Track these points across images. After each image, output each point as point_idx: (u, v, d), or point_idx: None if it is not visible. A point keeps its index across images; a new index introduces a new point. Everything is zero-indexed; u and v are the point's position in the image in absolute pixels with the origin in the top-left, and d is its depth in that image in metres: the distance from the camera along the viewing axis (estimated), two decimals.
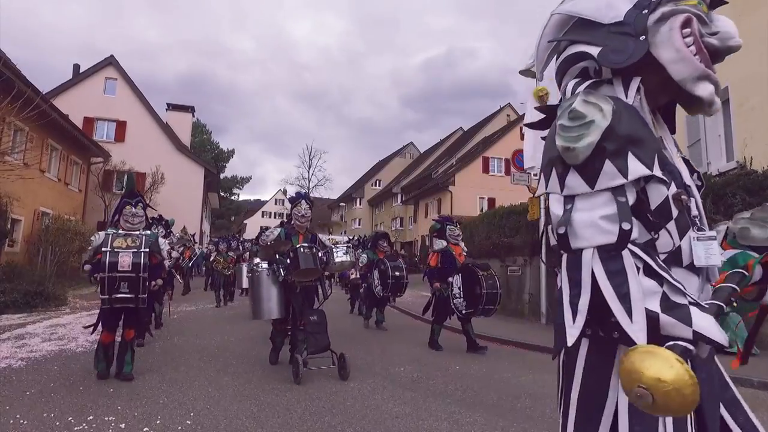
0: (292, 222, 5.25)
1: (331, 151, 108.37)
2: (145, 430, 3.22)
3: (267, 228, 6.44)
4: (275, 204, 66.27)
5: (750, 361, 4.95)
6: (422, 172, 41.88)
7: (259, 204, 70.68)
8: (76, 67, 24.86)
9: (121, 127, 23.51)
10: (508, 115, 39.33)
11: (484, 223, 12.43)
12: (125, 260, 4.25)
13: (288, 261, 4.81)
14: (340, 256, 4.88)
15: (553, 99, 7.57)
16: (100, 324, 4.57)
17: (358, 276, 10.34)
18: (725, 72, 8.11)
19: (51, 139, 16.07)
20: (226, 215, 57.55)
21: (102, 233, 4.52)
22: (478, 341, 6.43)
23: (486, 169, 33.14)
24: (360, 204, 51.63)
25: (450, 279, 6.30)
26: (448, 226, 6.61)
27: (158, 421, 3.37)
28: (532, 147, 9.21)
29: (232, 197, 58.08)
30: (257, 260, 9.10)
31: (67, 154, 17.87)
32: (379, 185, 51.52)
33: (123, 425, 3.28)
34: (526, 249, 9.98)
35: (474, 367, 5.43)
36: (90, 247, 4.50)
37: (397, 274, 8.00)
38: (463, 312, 6.02)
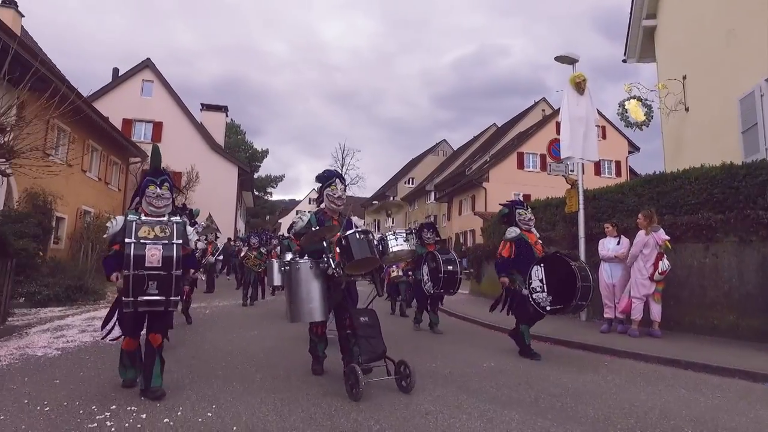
0: (324, 206, 4.51)
1: (363, 151, 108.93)
2: (165, 420, 3.12)
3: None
4: (309, 203, 67.01)
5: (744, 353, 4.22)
6: (456, 169, 41.33)
7: (293, 203, 71.65)
8: (116, 70, 25.72)
9: (157, 127, 24.14)
10: (543, 110, 38.31)
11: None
12: (154, 254, 3.44)
13: (326, 252, 4.00)
14: (399, 243, 4.07)
15: (591, 85, 6.95)
16: (116, 329, 3.88)
17: (400, 272, 9.15)
18: None
19: (92, 140, 16.60)
20: (261, 214, 58.46)
21: (120, 218, 3.70)
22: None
23: (521, 165, 32.38)
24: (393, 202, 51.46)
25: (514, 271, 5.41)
26: (517, 210, 5.67)
27: (179, 413, 3.28)
28: (569, 136, 8.80)
29: (266, 196, 58.93)
30: (290, 255, 8.85)
31: (107, 154, 18.44)
32: (412, 183, 51.21)
33: (144, 415, 3.20)
34: (564, 243, 9.53)
35: (510, 364, 5.14)
36: (105, 235, 3.70)
37: (450, 268, 7.03)
38: (548, 309, 5.06)
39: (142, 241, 3.48)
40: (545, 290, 5.07)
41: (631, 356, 5.53)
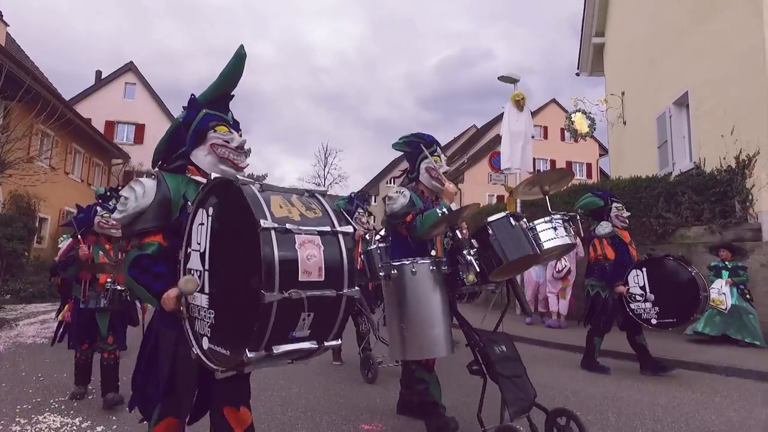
0: (418, 185, 3.21)
1: (349, 151, 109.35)
2: None
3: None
4: None
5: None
6: None
7: None
8: (98, 73, 26.27)
9: (139, 129, 24.78)
10: None
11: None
12: (313, 256, 1.43)
13: (464, 247, 2.64)
14: (560, 235, 2.73)
15: (530, 103, 8.35)
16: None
17: None
18: (686, 77, 8.63)
19: (75, 143, 17.32)
20: None
21: (148, 181, 1.82)
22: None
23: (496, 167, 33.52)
24: (375, 201, 52.50)
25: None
26: (614, 204, 4.86)
27: None
28: (509, 149, 9.88)
29: None
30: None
31: (90, 156, 19.13)
32: (394, 183, 52.29)
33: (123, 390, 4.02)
34: None
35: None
36: (121, 215, 1.74)
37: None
38: (655, 322, 4.43)
39: (288, 226, 1.43)
40: (647, 299, 4.47)
41: (537, 342, 6.60)
